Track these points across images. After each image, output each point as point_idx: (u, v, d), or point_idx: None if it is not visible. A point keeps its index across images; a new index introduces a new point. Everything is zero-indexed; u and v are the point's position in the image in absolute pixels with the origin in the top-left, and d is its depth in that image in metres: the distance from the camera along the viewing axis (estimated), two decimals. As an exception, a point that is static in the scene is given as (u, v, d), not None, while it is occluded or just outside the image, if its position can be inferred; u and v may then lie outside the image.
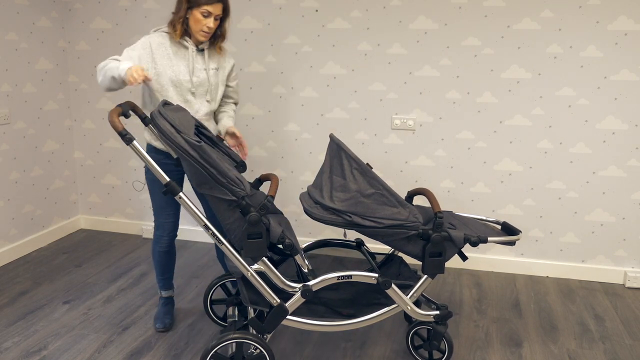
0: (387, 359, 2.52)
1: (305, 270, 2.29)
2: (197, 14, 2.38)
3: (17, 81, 3.49)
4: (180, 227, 3.94)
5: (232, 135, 2.61)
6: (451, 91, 3.35)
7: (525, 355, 2.57)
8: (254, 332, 2.21)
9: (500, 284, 3.34)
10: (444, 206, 3.53)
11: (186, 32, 2.47)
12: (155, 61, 2.44)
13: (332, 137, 2.30)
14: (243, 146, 2.63)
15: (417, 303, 2.36)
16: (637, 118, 3.16)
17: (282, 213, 2.48)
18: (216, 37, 2.52)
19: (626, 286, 3.33)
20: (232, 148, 2.60)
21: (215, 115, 2.71)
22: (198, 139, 2.02)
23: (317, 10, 3.40)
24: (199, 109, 2.53)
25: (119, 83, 2.29)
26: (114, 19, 3.73)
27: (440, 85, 3.35)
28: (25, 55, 3.53)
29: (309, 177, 3.67)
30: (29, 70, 3.58)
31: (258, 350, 2.17)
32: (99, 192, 4.07)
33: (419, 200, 3.42)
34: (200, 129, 2.35)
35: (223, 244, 2.12)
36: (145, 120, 2.48)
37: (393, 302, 2.29)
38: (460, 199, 3.49)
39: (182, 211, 3.77)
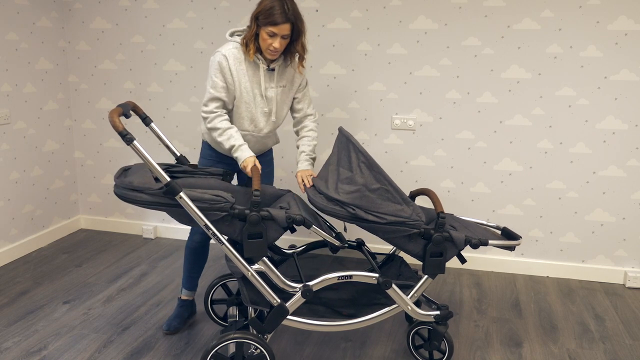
0: (387, 359, 2.52)
1: (333, 235, 2.26)
2: (263, 33, 2.33)
3: (17, 81, 3.49)
4: (181, 226, 3.94)
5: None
6: (451, 91, 3.35)
7: (525, 355, 2.57)
8: (255, 332, 2.20)
9: (500, 284, 3.34)
10: (444, 206, 3.53)
11: (258, 49, 2.41)
12: (232, 76, 2.40)
13: (341, 129, 2.30)
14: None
15: (417, 303, 2.36)
16: (637, 118, 3.16)
17: (288, 191, 2.47)
18: (292, 55, 2.45)
19: (626, 286, 3.33)
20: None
21: (297, 137, 2.66)
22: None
23: (317, 10, 3.40)
24: (264, 127, 2.52)
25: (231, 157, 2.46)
26: (114, 19, 3.73)
27: (440, 85, 3.35)
28: (25, 55, 3.53)
29: (309, 177, 3.66)
30: (29, 70, 3.58)
31: (258, 350, 2.17)
32: (99, 192, 4.07)
33: (421, 201, 3.42)
34: (169, 168, 2.33)
35: (223, 244, 2.12)
36: (146, 120, 2.48)
37: (393, 302, 2.29)
38: (460, 199, 3.49)
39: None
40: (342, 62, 3.45)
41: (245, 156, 2.36)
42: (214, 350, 2.15)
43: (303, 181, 2.41)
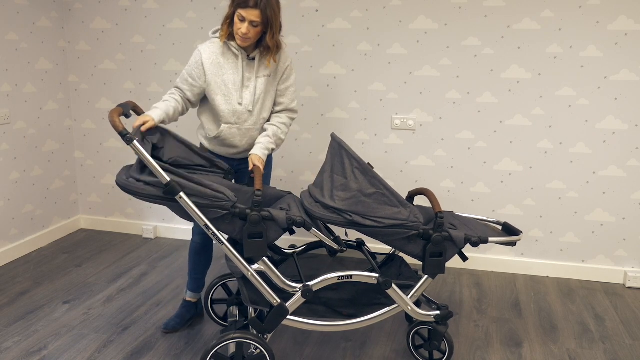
0: (387, 359, 2.52)
1: (332, 238, 2.26)
2: (236, 16, 2.34)
3: (17, 81, 3.49)
4: (181, 226, 3.94)
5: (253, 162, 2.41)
6: (451, 91, 3.35)
7: (525, 355, 2.57)
8: (255, 332, 2.21)
9: (500, 284, 3.34)
10: (444, 206, 3.53)
11: (232, 35, 2.41)
12: (205, 73, 2.43)
13: (333, 136, 2.30)
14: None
15: (417, 303, 2.36)
16: (637, 118, 3.16)
17: (289, 193, 2.46)
18: (264, 49, 2.42)
19: (626, 286, 3.33)
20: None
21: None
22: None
23: (317, 10, 3.41)
24: (247, 119, 2.49)
25: None
26: (114, 19, 3.73)
27: (440, 85, 3.35)
28: (25, 55, 3.53)
29: (309, 177, 3.67)
30: (29, 70, 3.58)
31: (258, 350, 2.17)
32: (99, 192, 4.07)
33: (420, 201, 3.42)
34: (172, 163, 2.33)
35: (223, 244, 2.12)
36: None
37: (394, 302, 2.29)
38: (460, 199, 3.49)
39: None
40: (342, 62, 3.45)
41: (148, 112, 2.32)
42: (214, 350, 2.15)
43: (255, 165, 2.34)
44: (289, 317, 2.21)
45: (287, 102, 2.58)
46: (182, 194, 2.03)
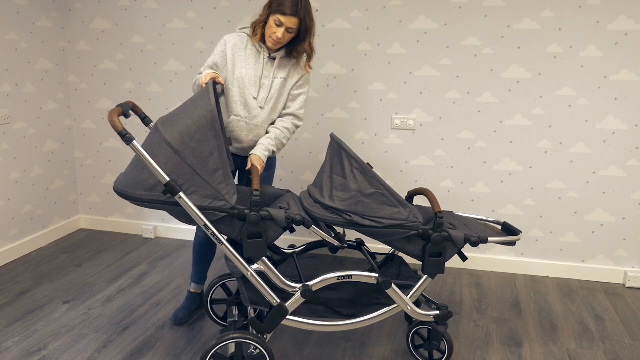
0: (387, 359, 2.52)
1: (333, 236, 2.27)
2: (271, 20, 2.40)
3: (17, 81, 3.49)
4: (181, 226, 3.94)
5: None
6: (451, 91, 3.35)
7: (525, 355, 2.57)
8: (254, 332, 2.21)
9: (500, 284, 3.34)
10: (444, 206, 3.53)
11: (264, 37, 2.50)
12: (227, 62, 2.51)
13: (332, 136, 2.30)
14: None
15: (417, 303, 2.36)
16: (637, 118, 3.16)
17: (287, 192, 2.46)
18: (298, 53, 2.51)
19: (626, 286, 3.33)
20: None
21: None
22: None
23: (317, 10, 3.40)
24: (258, 115, 2.53)
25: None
26: (114, 19, 3.73)
27: (440, 85, 3.35)
28: (25, 55, 3.53)
29: (309, 177, 3.67)
30: (29, 70, 3.58)
31: (258, 350, 2.17)
32: (99, 192, 4.07)
33: (419, 200, 3.42)
34: None
35: (223, 244, 2.11)
36: (145, 120, 2.48)
37: (393, 302, 2.29)
38: (460, 199, 3.49)
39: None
40: (342, 62, 3.45)
41: (205, 73, 2.40)
42: (213, 350, 2.15)
43: (252, 165, 2.36)
44: (288, 317, 2.21)
45: (294, 107, 2.62)
46: (181, 194, 2.03)
